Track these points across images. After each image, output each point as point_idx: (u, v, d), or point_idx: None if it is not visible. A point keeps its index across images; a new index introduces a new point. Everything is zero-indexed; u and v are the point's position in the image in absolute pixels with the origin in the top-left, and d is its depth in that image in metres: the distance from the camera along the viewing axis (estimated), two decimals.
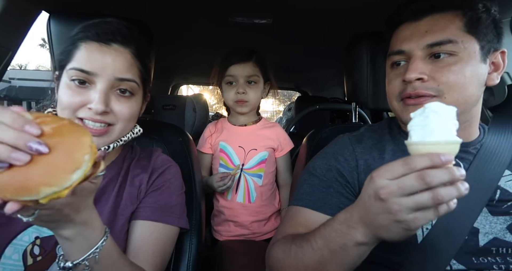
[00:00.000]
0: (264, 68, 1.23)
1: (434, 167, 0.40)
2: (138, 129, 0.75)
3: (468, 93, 0.62)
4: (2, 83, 8.68)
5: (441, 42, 0.61)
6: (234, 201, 1.21)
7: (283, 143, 1.25)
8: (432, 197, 0.40)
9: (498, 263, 0.59)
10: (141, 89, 0.71)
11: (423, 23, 0.64)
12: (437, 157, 0.40)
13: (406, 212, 0.42)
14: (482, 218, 0.62)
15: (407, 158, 0.42)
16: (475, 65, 0.62)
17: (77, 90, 0.63)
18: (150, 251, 0.68)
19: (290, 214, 0.71)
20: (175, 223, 0.73)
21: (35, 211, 0.42)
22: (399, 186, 0.42)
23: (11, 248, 0.61)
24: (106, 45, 0.64)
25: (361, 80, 1.01)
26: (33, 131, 0.38)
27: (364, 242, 0.48)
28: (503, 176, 0.64)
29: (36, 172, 0.37)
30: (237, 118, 1.28)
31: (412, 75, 0.62)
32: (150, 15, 1.15)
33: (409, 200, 0.41)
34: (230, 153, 1.23)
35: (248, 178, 1.21)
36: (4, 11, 0.90)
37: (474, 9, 0.62)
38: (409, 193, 0.41)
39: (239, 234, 1.20)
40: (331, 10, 1.10)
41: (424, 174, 0.40)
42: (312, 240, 0.55)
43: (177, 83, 2.88)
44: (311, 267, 0.54)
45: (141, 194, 0.72)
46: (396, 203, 0.42)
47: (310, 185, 0.71)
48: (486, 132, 0.71)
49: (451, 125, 0.44)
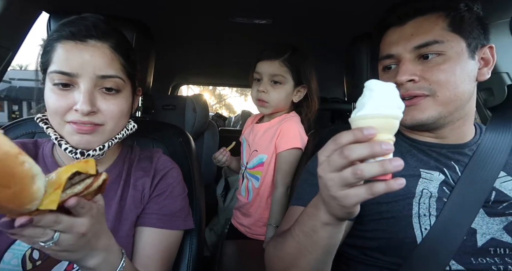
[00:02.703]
0: (297, 69, 1.11)
1: (358, 142, 0.39)
2: (132, 125, 0.73)
3: (460, 89, 0.64)
4: (2, 84, 8.69)
5: (427, 43, 0.64)
6: (240, 193, 1.25)
7: (284, 138, 1.10)
8: (351, 172, 0.39)
9: (497, 263, 0.59)
10: (129, 84, 0.68)
11: (408, 27, 0.67)
12: (358, 131, 0.39)
13: (337, 188, 0.42)
14: (479, 219, 0.62)
15: (335, 135, 0.42)
16: (463, 62, 0.64)
17: (61, 94, 0.61)
18: (158, 259, 0.68)
19: (290, 214, 0.71)
20: (181, 227, 0.73)
21: (54, 235, 0.42)
22: (328, 162, 0.42)
23: (10, 253, 0.60)
24: (82, 42, 0.61)
25: (361, 80, 1.00)
26: None
27: (328, 222, 0.48)
28: (498, 178, 0.64)
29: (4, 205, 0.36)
30: (263, 118, 1.26)
31: (403, 77, 0.64)
32: (150, 15, 1.16)
33: (336, 176, 0.41)
34: (243, 150, 1.27)
35: (249, 177, 1.21)
36: (4, 11, 0.91)
37: (456, 9, 0.65)
38: (336, 169, 0.41)
39: (241, 223, 1.22)
40: (331, 10, 1.10)
41: (343, 149, 0.40)
42: (292, 229, 0.56)
43: (177, 83, 2.88)
44: (291, 254, 0.55)
45: (144, 199, 0.71)
46: (329, 178, 0.42)
47: (310, 185, 0.71)
48: (483, 132, 0.71)
49: (386, 101, 0.41)
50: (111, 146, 0.67)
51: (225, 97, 23.18)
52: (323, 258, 0.54)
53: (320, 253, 0.53)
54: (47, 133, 0.64)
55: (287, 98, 1.14)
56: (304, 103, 1.18)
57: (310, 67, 1.15)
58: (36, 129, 0.87)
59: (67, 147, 0.62)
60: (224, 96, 23.37)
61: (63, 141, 0.63)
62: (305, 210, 0.54)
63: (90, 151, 0.63)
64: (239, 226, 1.23)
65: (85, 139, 0.62)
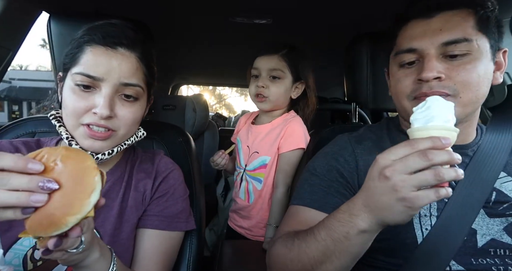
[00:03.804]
0: (295, 65, 1.12)
1: (435, 149, 0.43)
2: (142, 133, 0.75)
3: (481, 92, 0.62)
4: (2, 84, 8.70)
5: (456, 40, 0.60)
6: (238, 196, 1.22)
7: (289, 139, 1.09)
8: (434, 174, 0.43)
9: (497, 264, 0.59)
10: (146, 93, 0.70)
11: (436, 20, 0.62)
12: (437, 140, 0.43)
13: (409, 188, 0.43)
14: (479, 220, 0.62)
15: (410, 140, 0.45)
16: (486, 64, 0.61)
17: (81, 95, 0.62)
18: (159, 261, 0.69)
19: (291, 213, 0.71)
20: (183, 228, 0.74)
21: (82, 238, 0.45)
22: (403, 164, 0.44)
23: (11, 253, 0.61)
24: (112, 49, 0.63)
25: (361, 80, 1.01)
26: (37, 168, 0.40)
27: (366, 229, 0.49)
28: (498, 178, 0.64)
29: (57, 206, 0.39)
30: (260, 118, 1.23)
31: (430, 74, 0.60)
32: (150, 15, 1.16)
33: (412, 177, 0.44)
34: (239, 152, 1.23)
35: (249, 180, 1.18)
36: (4, 11, 0.91)
37: (484, 7, 0.61)
38: (413, 170, 0.44)
39: (240, 225, 1.20)
40: (331, 10, 1.10)
41: (427, 152, 0.43)
42: (315, 232, 0.55)
43: (177, 83, 2.89)
44: (315, 258, 0.54)
45: (146, 200, 0.71)
46: (401, 180, 0.44)
47: (310, 185, 0.71)
48: (484, 132, 0.71)
49: (449, 116, 0.47)
50: (119, 152, 0.68)
51: (225, 97, 23.19)
52: (348, 264, 0.54)
53: (349, 259, 0.52)
54: (58, 131, 0.65)
55: (286, 94, 1.14)
56: (301, 101, 1.18)
57: (308, 65, 1.15)
58: (36, 129, 0.87)
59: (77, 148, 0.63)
60: (224, 96, 23.37)
61: (74, 142, 0.64)
62: (335, 215, 0.53)
63: (99, 155, 0.64)
64: (237, 228, 1.22)
65: (97, 145, 0.63)
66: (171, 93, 2.81)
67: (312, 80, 1.17)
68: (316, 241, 0.54)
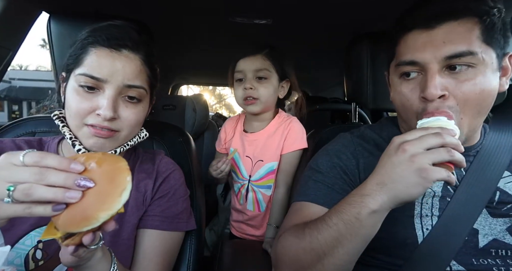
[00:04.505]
0: (279, 63, 1.10)
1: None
2: (144, 134, 0.75)
3: (486, 105, 0.60)
4: (2, 84, 8.70)
5: (461, 54, 0.56)
6: (246, 208, 1.17)
7: (291, 140, 1.09)
8: (447, 150, 0.48)
9: (498, 265, 0.59)
10: (149, 94, 0.70)
11: (438, 32, 0.58)
12: (446, 129, 0.51)
13: (425, 160, 0.48)
14: (482, 220, 0.62)
15: (423, 126, 0.53)
16: (491, 76, 0.59)
17: (85, 96, 0.62)
18: (160, 261, 0.69)
19: (295, 210, 0.70)
20: (183, 228, 0.74)
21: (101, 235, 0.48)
22: (419, 140, 0.49)
23: (13, 253, 0.61)
24: (116, 51, 0.63)
25: (361, 80, 1.01)
26: (78, 168, 0.43)
27: (377, 209, 0.50)
28: (502, 178, 0.64)
29: (90, 203, 0.42)
30: (250, 124, 1.18)
31: (434, 92, 0.57)
32: (150, 15, 1.16)
33: (429, 152, 0.49)
34: (238, 163, 1.17)
35: (256, 190, 1.14)
36: (4, 11, 0.91)
37: (490, 15, 0.58)
38: (428, 146, 0.49)
39: (252, 234, 1.17)
40: (331, 10, 1.10)
41: (441, 133, 0.49)
42: (326, 218, 0.55)
43: (177, 83, 2.89)
44: (327, 244, 0.54)
45: (146, 201, 0.71)
46: (418, 152, 0.49)
47: (315, 181, 0.71)
48: (487, 132, 0.71)
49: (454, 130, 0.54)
50: (122, 152, 0.68)
51: (225, 97, 23.18)
52: (360, 247, 0.54)
53: (359, 241, 0.53)
54: (62, 132, 0.65)
55: (274, 94, 1.12)
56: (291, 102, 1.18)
57: (291, 64, 1.14)
58: (36, 129, 0.87)
59: (80, 148, 0.63)
60: (224, 96, 23.36)
61: (77, 142, 0.64)
62: (345, 200, 0.55)
63: None
64: (248, 236, 1.18)
65: (100, 143, 0.63)
66: (171, 93, 2.81)
67: (295, 79, 1.16)
68: (328, 227, 0.54)
